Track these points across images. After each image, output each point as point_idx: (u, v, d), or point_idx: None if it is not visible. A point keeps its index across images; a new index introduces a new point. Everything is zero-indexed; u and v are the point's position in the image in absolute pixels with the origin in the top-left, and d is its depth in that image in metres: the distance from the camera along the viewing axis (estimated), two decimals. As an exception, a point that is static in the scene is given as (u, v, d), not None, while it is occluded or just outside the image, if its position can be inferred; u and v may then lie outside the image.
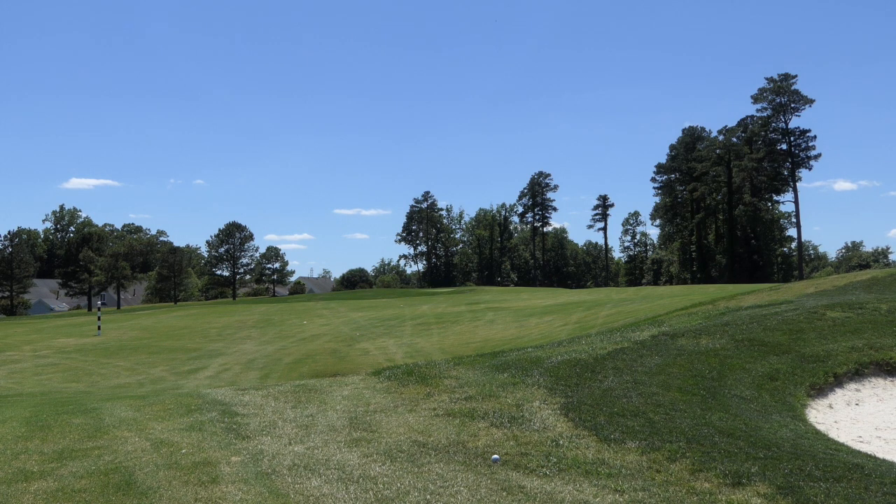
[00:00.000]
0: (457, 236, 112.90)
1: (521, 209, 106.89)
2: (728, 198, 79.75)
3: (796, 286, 18.05)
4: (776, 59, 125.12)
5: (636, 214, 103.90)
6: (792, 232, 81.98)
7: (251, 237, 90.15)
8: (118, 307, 73.19)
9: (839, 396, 7.30)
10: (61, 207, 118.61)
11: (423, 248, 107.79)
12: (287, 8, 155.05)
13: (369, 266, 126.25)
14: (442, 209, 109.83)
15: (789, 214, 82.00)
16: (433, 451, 4.29)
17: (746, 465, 4.08)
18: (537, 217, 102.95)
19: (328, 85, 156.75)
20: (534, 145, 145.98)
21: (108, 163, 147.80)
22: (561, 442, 4.52)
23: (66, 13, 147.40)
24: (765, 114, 77.56)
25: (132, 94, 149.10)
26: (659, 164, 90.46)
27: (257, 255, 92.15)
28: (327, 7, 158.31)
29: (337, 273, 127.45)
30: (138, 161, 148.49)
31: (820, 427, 6.25)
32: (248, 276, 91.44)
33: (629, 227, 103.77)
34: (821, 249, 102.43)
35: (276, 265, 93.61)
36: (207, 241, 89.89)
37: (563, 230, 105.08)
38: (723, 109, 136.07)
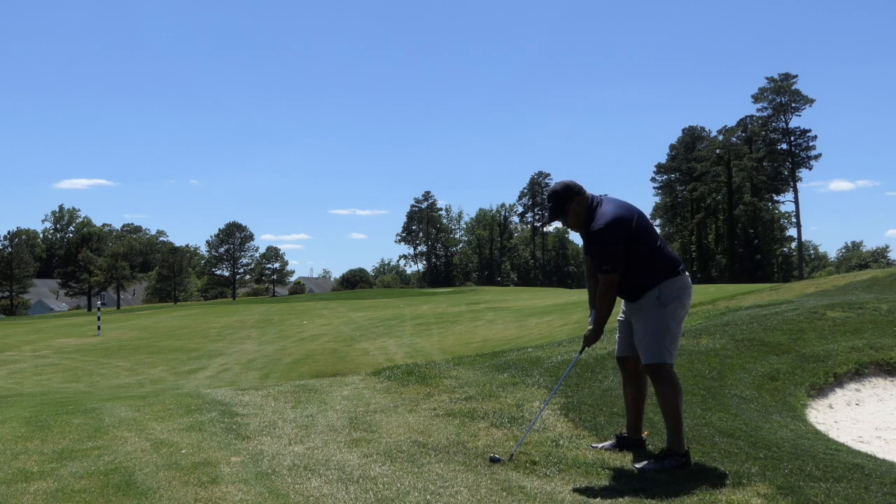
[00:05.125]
0: (457, 236, 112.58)
1: (520, 209, 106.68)
2: (728, 198, 79.64)
3: (796, 286, 18.05)
4: (776, 59, 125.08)
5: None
6: (792, 232, 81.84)
7: (251, 237, 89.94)
8: (118, 307, 73.18)
9: (839, 396, 7.30)
10: (60, 207, 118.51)
11: (423, 248, 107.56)
12: (283, 7, 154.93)
13: (369, 266, 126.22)
14: (442, 209, 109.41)
15: (789, 214, 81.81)
16: (433, 452, 4.29)
17: (746, 465, 4.08)
18: (537, 217, 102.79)
19: (325, 85, 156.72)
20: (534, 145, 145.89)
21: (102, 163, 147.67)
22: (561, 442, 4.52)
23: (62, 13, 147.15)
24: (765, 113, 77.40)
25: (125, 93, 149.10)
26: (659, 163, 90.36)
27: (257, 255, 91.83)
28: (324, 7, 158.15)
29: (337, 273, 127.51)
30: (132, 161, 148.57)
31: (820, 427, 6.25)
32: (248, 277, 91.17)
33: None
34: (821, 249, 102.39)
35: (276, 265, 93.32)
36: (207, 241, 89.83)
37: (564, 230, 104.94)
38: (723, 109, 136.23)
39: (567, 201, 4.27)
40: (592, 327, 4.34)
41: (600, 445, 4.43)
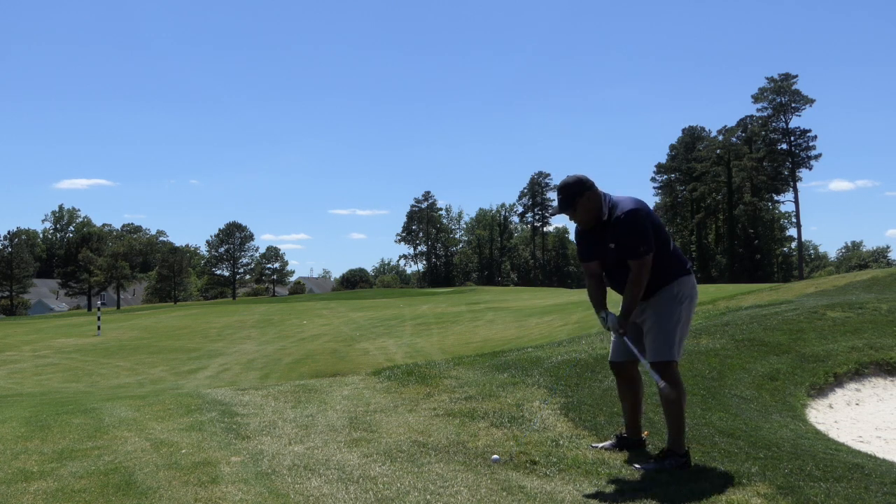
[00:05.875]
0: (457, 236, 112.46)
1: (521, 209, 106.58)
2: (728, 198, 79.62)
3: (796, 286, 18.07)
4: (776, 59, 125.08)
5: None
6: (792, 232, 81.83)
7: (251, 237, 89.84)
8: (118, 307, 73.16)
9: (839, 396, 7.30)
10: (60, 207, 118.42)
11: (423, 248, 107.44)
12: (283, 7, 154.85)
13: (369, 266, 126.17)
14: (442, 209, 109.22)
15: (789, 214, 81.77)
16: (433, 451, 4.29)
17: (746, 465, 4.08)
18: (537, 217, 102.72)
19: (325, 85, 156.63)
20: (534, 145, 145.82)
21: (102, 163, 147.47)
22: (561, 442, 4.52)
23: (62, 13, 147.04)
24: (765, 113, 77.32)
25: (125, 93, 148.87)
26: (659, 163, 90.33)
27: (257, 255, 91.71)
28: (324, 7, 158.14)
29: (337, 273, 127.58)
30: (132, 161, 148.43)
31: (820, 427, 6.25)
32: (248, 276, 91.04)
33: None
34: (821, 249, 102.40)
35: (276, 265, 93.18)
36: (207, 241, 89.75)
37: (564, 230, 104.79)
38: (723, 109, 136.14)
39: (578, 195, 4.21)
40: (621, 318, 4.21)
41: (600, 445, 4.43)
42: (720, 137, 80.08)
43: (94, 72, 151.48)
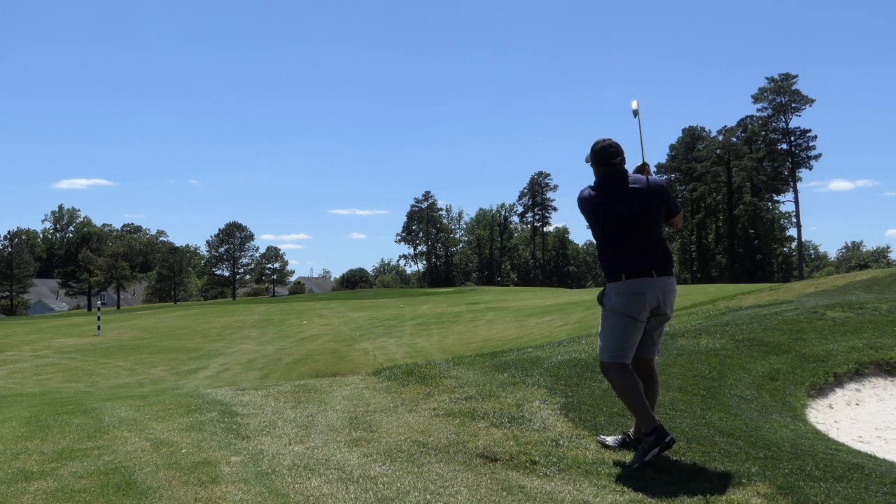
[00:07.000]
0: (457, 236, 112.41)
1: (521, 209, 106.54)
2: (728, 198, 79.61)
3: (796, 286, 18.05)
4: (776, 59, 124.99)
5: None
6: (792, 232, 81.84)
7: (251, 237, 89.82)
8: (118, 307, 73.16)
9: (839, 396, 7.29)
10: (60, 207, 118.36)
11: (423, 248, 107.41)
12: (283, 7, 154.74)
13: (369, 266, 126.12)
14: (442, 209, 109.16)
15: (789, 214, 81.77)
16: (433, 451, 4.29)
17: (746, 465, 4.08)
18: (537, 217, 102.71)
19: (325, 85, 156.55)
20: (534, 145, 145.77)
21: (102, 163, 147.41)
22: (561, 442, 4.51)
23: (62, 13, 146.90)
24: (765, 113, 77.32)
25: (125, 93, 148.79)
26: (659, 163, 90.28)
27: (257, 255, 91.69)
28: (324, 7, 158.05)
29: (337, 273, 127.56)
30: (132, 161, 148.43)
31: (820, 427, 6.25)
32: (247, 276, 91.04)
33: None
34: (821, 249, 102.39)
35: (276, 265, 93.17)
36: (207, 241, 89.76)
37: (564, 230, 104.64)
38: (723, 109, 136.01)
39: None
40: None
41: (609, 439, 4.44)
42: (720, 137, 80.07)
43: (94, 72, 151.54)
